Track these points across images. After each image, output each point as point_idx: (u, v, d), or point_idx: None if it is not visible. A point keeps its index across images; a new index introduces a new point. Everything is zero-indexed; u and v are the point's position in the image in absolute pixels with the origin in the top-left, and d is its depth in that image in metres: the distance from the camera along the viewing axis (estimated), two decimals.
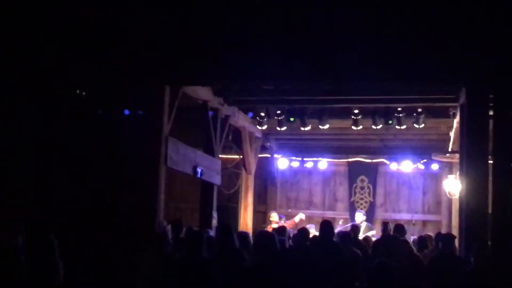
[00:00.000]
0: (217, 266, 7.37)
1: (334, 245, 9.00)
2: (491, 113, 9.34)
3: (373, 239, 12.29)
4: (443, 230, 16.80)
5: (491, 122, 9.31)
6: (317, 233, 10.80)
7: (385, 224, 11.30)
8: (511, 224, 8.50)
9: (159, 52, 9.89)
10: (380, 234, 12.92)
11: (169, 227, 9.96)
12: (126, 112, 10.75)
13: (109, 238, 9.38)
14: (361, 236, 13.47)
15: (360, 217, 15.69)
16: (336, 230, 11.66)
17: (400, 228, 10.65)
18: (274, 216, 15.94)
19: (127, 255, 8.44)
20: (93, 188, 10.13)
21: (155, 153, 10.08)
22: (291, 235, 11.42)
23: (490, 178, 9.18)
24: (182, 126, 11.75)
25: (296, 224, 15.66)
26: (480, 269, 7.10)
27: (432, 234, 12.53)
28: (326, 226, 9.45)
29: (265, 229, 14.68)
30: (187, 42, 9.86)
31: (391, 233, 11.02)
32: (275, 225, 15.08)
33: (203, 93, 12.24)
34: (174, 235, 9.46)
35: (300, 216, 16.32)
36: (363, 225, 14.91)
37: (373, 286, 4.98)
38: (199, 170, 11.81)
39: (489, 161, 9.26)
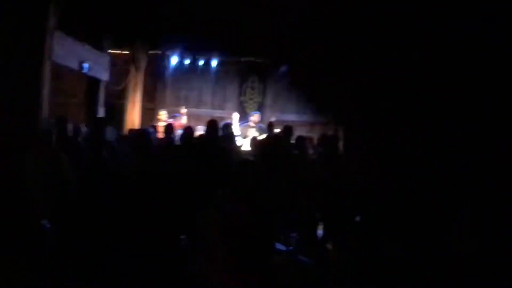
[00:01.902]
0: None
1: (218, 144, 9.07)
2: None
3: None
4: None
5: None
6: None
7: (270, 124, 11.34)
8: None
9: None
10: None
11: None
12: None
13: None
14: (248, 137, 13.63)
15: (256, 118, 15.26)
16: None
17: (287, 129, 10.77)
18: (162, 114, 15.73)
19: (11, 153, 8.22)
20: None
21: (39, 47, 9.69)
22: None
23: None
24: (70, 19, 11.26)
25: (184, 125, 15.50)
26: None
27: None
28: (212, 125, 9.50)
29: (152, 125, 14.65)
30: None
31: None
32: (162, 123, 14.98)
33: None
34: (58, 131, 9.25)
35: (183, 112, 16.14)
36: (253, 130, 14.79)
37: (238, 182, 5.02)
38: (85, 65, 11.50)
39: None
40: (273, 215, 5.25)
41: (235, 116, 15.68)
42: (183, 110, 16.33)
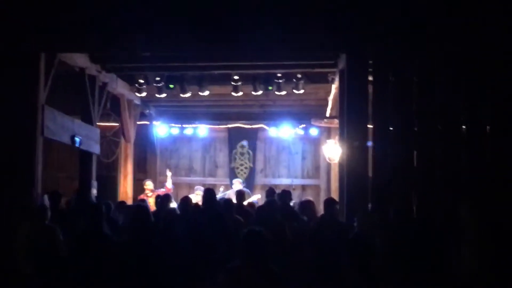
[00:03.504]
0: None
1: (217, 213, 9.00)
2: (370, 78, 9.52)
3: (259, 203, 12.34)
4: (322, 194, 17.26)
5: (370, 87, 9.49)
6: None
7: (271, 190, 11.31)
8: (391, 187, 8.72)
9: (33, 18, 9.43)
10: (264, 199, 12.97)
11: (47, 199, 9.67)
12: None
13: None
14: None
15: (237, 185, 15.55)
16: (218, 197, 11.68)
17: (286, 194, 10.73)
18: (149, 184, 15.63)
19: (4, 230, 8.13)
20: None
21: (31, 123, 9.68)
22: None
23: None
24: (59, 94, 11.30)
25: (170, 190, 15.44)
26: (363, 234, 7.27)
27: (311, 198, 12.73)
28: (208, 194, 9.46)
29: (139, 197, 14.56)
30: (62, 8, 9.45)
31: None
32: (150, 193, 14.95)
33: (80, 60, 11.88)
34: (52, 206, 9.18)
35: (169, 179, 16.12)
36: None
37: (245, 252, 5.04)
38: (77, 139, 11.48)
39: (369, 126, 9.47)
40: (284, 278, 5.24)
41: (236, 184, 15.67)
42: (168, 173, 16.29)
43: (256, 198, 14.30)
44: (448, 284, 6.46)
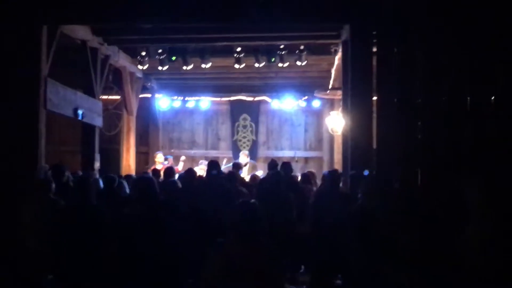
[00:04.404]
0: (107, 213, 7.27)
1: (220, 185, 8.97)
2: (374, 49, 9.46)
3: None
4: (325, 166, 17.27)
5: (374, 58, 9.44)
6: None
7: (273, 162, 11.29)
8: (394, 158, 8.71)
9: None
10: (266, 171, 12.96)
11: (50, 172, 9.66)
12: None
13: None
14: (247, 174, 13.59)
15: (244, 157, 15.53)
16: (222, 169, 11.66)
17: (287, 166, 10.70)
18: (159, 157, 15.70)
19: (9, 204, 8.10)
20: None
21: (34, 96, 9.64)
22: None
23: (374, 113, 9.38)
24: (61, 67, 11.23)
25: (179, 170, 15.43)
26: (367, 205, 7.24)
27: (314, 170, 12.72)
28: (213, 165, 9.43)
29: (148, 169, 14.55)
30: None
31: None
32: (159, 166, 14.91)
33: (81, 32, 11.81)
34: (55, 180, 9.16)
35: (182, 161, 16.17)
36: (248, 164, 14.91)
37: (236, 226, 4.83)
38: (80, 112, 11.45)
39: (373, 97, 9.44)
40: (278, 254, 5.08)
41: (242, 157, 15.60)
42: (182, 157, 16.35)
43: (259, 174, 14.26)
44: (453, 257, 6.44)
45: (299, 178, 11.08)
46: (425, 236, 6.71)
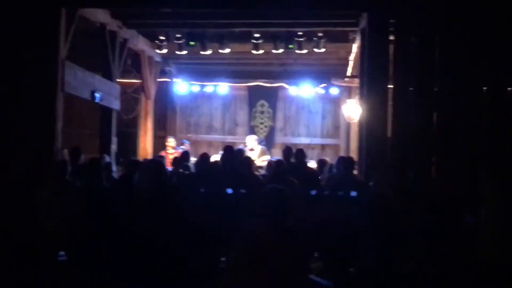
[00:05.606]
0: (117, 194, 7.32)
1: (236, 170, 9.01)
2: (391, 37, 9.42)
3: None
4: (341, 154, 17.21)
5: (391, 46, 9.40)
6: None
7: (288, 149, 11.28)
8: (409, 147, 8.68)
9: None
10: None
11: (67, 155, 9.75)
12: None
13: (6, 169, 9.02)
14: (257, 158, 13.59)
15: (251, 141, 15.02)
16: None
17: (300, 152, 10.71)
18: (171, 141, 15.62)
19: (27, 186, 8.18)
20: None
21: (52, 79, 9.70)
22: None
23: (390, 102, 9.35)
24: (79, 50, 11.28)
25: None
26: (381, 194, 7.23)
27: (328, 158, 12.71)
28: (229, 151, 9.47)
29: (161, 154, 14.56)
30: None
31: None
32: (171, 150, 14.91)
33: (100, 16, 11.85)
34: (72, 162, 9.26)
35: (186, 144, 16.02)
36: (258, 148, 14.74)
37: (265, 211, 4.81)
38: (97, 95, 11.51)
39: (389, 86, 9.40)
40: (304, 241, 5.04)
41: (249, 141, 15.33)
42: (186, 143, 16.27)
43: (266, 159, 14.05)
44: (467, 250, 6.43)
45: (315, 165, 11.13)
46: (439, 226, 6.71)
